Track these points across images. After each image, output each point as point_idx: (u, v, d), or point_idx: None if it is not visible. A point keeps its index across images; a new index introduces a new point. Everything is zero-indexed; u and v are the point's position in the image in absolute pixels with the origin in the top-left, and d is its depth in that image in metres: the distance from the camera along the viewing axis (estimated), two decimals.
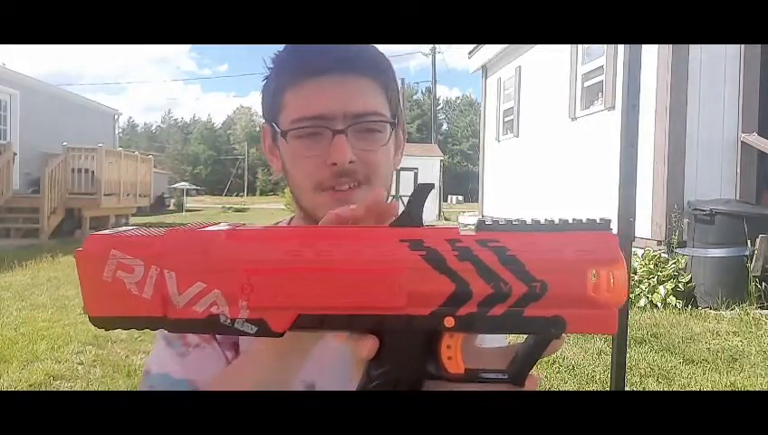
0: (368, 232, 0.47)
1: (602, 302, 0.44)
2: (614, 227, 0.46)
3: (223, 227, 0.49)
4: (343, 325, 0.47)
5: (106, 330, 0.48)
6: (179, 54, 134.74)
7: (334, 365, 0.72)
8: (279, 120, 0.75)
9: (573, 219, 0.46)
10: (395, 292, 0.45)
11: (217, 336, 0.74)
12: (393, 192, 0.87)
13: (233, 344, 0.76)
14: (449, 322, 0.45)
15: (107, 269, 0.46)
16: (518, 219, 0.46)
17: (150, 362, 0.77)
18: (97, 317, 0.47)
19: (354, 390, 0.50)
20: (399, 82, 0.85)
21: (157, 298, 0.46)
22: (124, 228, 0.50)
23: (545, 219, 0.46)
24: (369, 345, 0.47)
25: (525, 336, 0.49)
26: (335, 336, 0.71)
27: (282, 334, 0.47)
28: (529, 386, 0.49)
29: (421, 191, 0.47)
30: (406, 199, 0.48)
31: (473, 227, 0.47)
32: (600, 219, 0.46)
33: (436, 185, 15.65)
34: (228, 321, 0.46)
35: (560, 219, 0.46)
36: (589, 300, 0.44)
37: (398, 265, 0.45)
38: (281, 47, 0.78)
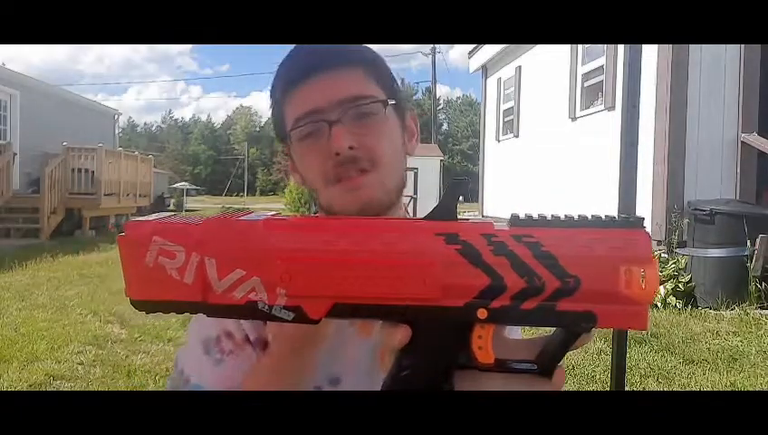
0: (404, 224, 0.48)
1: (634, 298, 0.45)
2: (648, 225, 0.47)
3: (262, 215, 0.51)
4: (378, 315, 0.48)
5: (147, 313, 0.50)
6: (181, 54, 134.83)
7: (359, 360, 0.74)
8: (285, 131, 0.78)
9: (606, 216, 0.46)
10: (430, 284, 0.46)
11: (251, 337, 0.76)
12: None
13: (264, 344, 0.77)
14: (482, 313, 0.46)
15: (149, 254, 0.48)
16: (552, 215, 0.47)
17: (189, 370, 0.77)
18: (138, 301, 0.49)
19: (380, 382, 0.51)
20: (399, 81, 0.85)
21: (197, 284, 0.48)
22: (163, 215, 0.51)
23: (578, 216, 0.47)
24: (401, 334, 0.48)
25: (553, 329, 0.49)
26: (360, 330, 0.73)
27: (318, 321, 0.48)
28: (558, 377, 0.49)
29: (456, 186, 0.48)
30: (406, 199, 0.48)
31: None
32: (633, 217, 0.46)
33: (437, 185, 15.65)
34: (266, 307, 0.48)
35: (592, 216, 0.46)
36: (620, 296, 0.45)
37: (434, 258, 0.46)
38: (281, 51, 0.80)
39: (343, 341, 0.73)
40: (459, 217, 0.48)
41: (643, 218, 0.47)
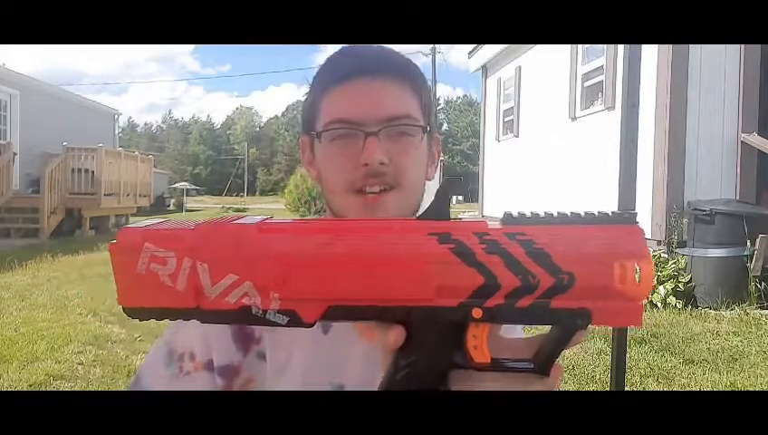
0: (397, 225, 0.47)
1: (629, 294, 0.45)
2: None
3: (254, 219, 0.50)
4: (372, 316, 0.48)
5: (140, 320, 0.50)
6: (183, 54, 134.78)
7: (363, 368, 0.73)
8: (315, 127, 0.77)
9: (599, 212, 0.46)
10: (424, 284, 0.46)
11: (216, 365, 0.74)
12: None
13: (233, 370, 0.74)
14: (477, 313, 0.46)
15: (140, 261, 0.47)
16: (545, 212, 0.47)
17: (145, 371, 0.77)
18: (131, 308, 0.49)
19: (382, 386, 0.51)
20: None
21: (190, 290, 0.47)
22: (156, 221, 0.51)
23: (571, 212, 0.46)
24: (395, 334, 0.48)
25: (549, 327, 0.49)
26: (365, 336, 0.72)
27: (312, 325, 0.48)
28: (554, 375, 0.49)
29: (449, 185, 0.48)
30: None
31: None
32: (627, 213, 0.46)
33: (437, 185, 15.62)
34: (260, 312, 0.47)
35: (586, 212, 0.46)
36: (615, 292, 0.45)
37: (428, 258, 0.45)
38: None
39: (346, 348, 0.73)
40: (458, 217, 0.47)
41: (636, 213, 0.46)
